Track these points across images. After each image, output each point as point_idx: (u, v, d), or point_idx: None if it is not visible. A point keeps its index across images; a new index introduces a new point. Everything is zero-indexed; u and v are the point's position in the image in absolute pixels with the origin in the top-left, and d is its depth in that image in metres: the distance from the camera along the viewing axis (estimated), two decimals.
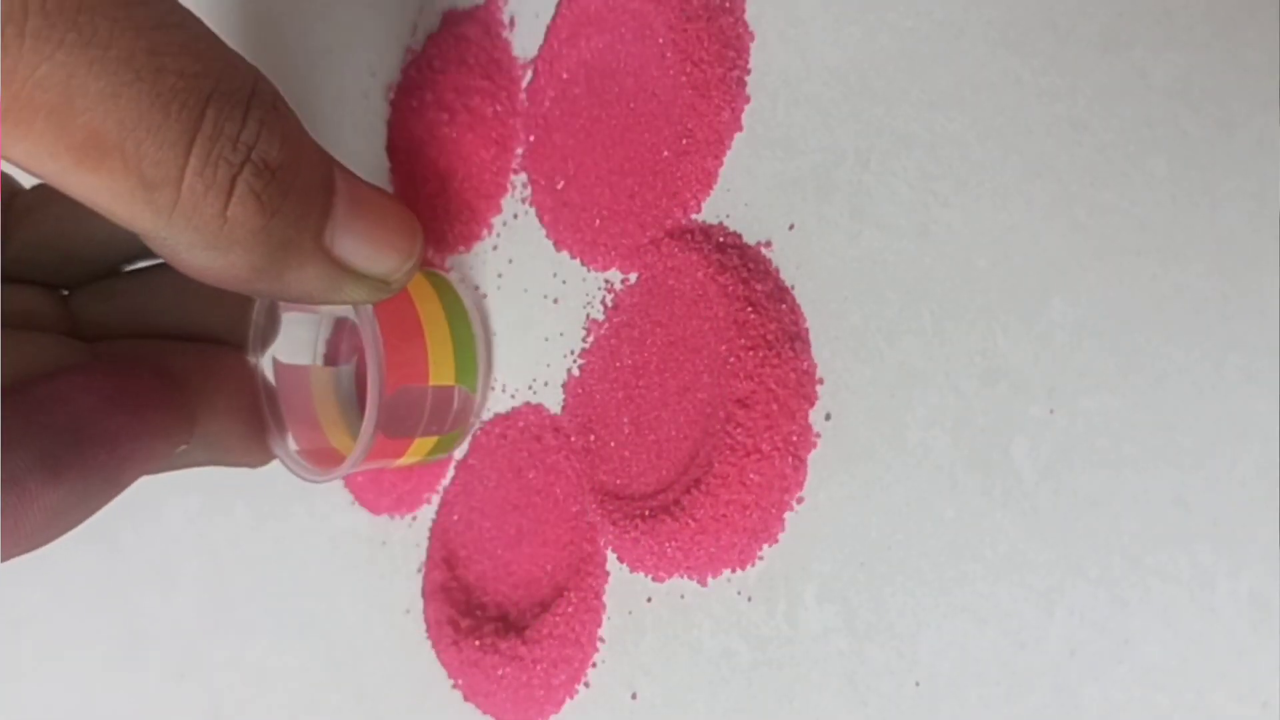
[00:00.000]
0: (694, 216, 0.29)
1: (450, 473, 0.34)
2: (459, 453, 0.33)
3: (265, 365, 0.33)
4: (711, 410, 0.27)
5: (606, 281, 0.30)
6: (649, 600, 0.29)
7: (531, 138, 0.32)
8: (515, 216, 0.33)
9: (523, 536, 0.32)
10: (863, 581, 0.25)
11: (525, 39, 0.33)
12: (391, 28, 0.36)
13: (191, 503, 0.41)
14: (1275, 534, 0.21)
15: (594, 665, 0.30)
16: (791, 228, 0.27)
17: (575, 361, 0.31)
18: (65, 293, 0.32)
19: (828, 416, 0.26)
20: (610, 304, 0.30)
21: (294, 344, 0.34)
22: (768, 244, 0.28)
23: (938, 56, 0.25)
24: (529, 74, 0.33)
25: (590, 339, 0.31)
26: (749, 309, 0.27)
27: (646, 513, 0.28)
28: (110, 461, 0.27)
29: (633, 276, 0.30)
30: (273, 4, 0.40)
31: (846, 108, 0.27)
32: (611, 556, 0.29)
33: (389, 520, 0.35)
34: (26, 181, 0.31)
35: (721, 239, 0.28)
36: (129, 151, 0.22)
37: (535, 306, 0.32)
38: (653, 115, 0.29)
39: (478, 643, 0.31)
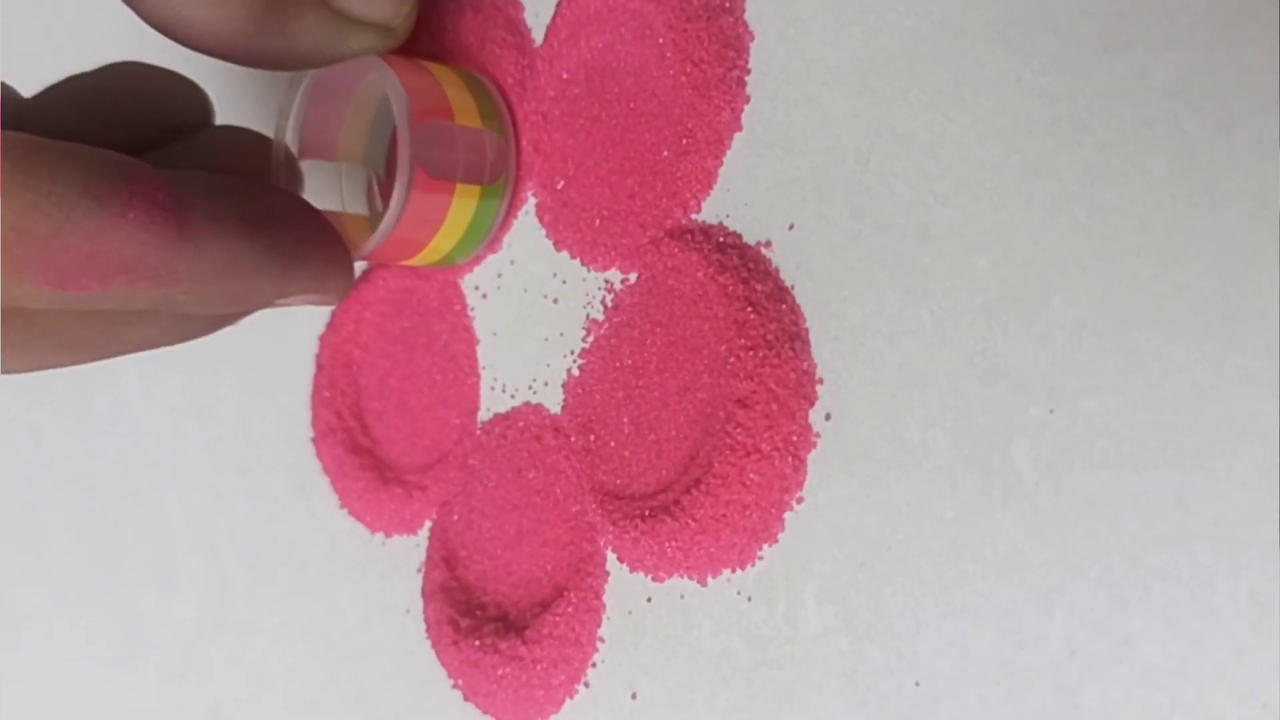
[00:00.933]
0: (694, 216, 0.29)
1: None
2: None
3: None
4: (711, 410, 0.27)
5: (606, 281, 0.30)
6: (649, 600, 0.29)
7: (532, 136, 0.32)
8: (516, 217, 0.33)
9: (522, 536, 0.32)
10: (863, 581, 0.25)
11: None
12: None
13: (191, 500, 0.41)
14: (1275, 534, 0.21)
15: (594, 665, 0.30)
16: (791, 228, 0.27)
17: (575, 361, 0.31)
18: None
19: (828, 416, 0.26)
20: (610, 304, 0.30)
21: (317, 195, 0.33)
22: (767, 244, 0.28)
23: (937, 56, 0.25)
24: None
25: (590, 339, 0.31)
26: (749, 309, 0.27)
27: (646, 513, 0.27)
28: (291, 248, 0.27)
29: (633, 276, 0.30)
30: None
31: (846, 107, 0.27)
32: (611, 556, 0.29)
33: None
34: (26, 90, 0.30)
35: (721, 239, 0.28)
36: None
37: (535, 306, 0.32)
38: (653, 115, 0.29)
39: (478, 643, 0.31)
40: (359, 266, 0.37)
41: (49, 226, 0.23)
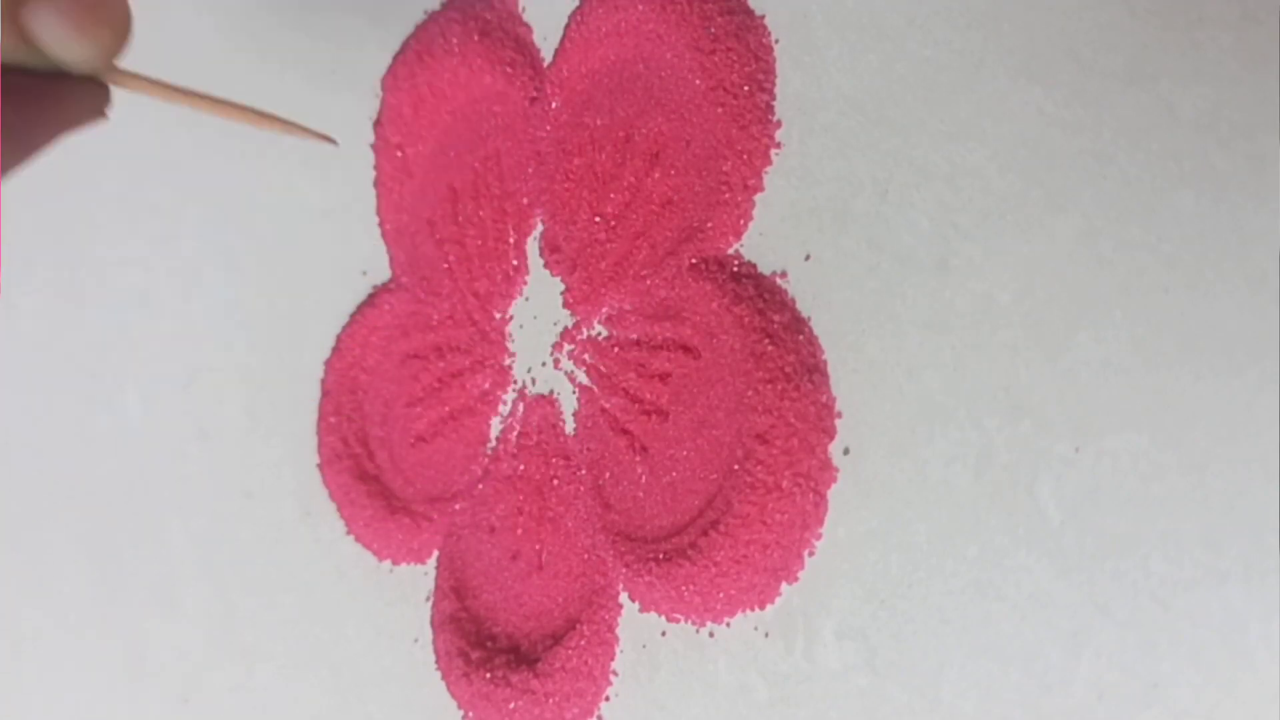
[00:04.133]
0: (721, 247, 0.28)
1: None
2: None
3: None
4: (729, 448, 0.26)
5: (619, 309, 0.30)
6: (663, 634, 0.28)
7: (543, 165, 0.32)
8: (525, 242, 0.32)
9: (533, 567, 0.31)
10: (884, 619, 0.25)
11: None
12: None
13: (195, 525, 0.40)
14: None
15: (607, 699, 0.29)
16: (808, 258, 0.27)
17: (585, 390, 0.30)
18: None
19: (846, 451, 0.26)
20: (620, 334, 0.30)
21: None
22: (783, 275, 0.27)
23: (957, 86, 0.25)
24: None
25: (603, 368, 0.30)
26: (766, 340, 0.26)
27: (661, 556, 0.27)
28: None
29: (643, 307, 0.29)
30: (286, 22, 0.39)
31: (864, 137, 0.26)
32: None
33: None
34: None
35: (736, 268, 0.28)
36: None
37: (545, 333, 0.32)
38: (676, 140, 0.29)
39: (489, 675, 0.31)
40: (364, 289, 0.36)
41: None
